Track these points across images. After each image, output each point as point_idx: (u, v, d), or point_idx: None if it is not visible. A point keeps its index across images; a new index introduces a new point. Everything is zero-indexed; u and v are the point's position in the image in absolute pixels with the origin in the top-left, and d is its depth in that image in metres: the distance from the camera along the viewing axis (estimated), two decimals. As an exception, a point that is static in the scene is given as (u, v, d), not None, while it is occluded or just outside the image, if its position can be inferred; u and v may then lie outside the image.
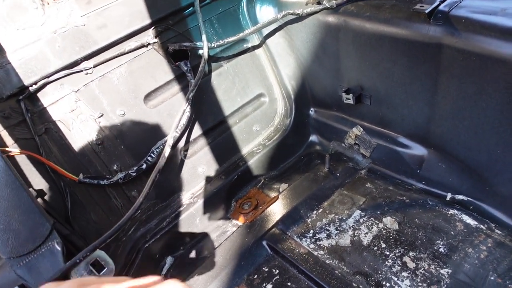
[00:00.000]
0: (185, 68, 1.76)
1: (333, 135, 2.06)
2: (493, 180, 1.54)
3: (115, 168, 1.66)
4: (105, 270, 1.14)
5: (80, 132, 1.58)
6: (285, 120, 2.10)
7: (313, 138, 2.16)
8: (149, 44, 1.70)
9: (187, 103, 1.68)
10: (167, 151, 1.60)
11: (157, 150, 1.70)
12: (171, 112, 1.76)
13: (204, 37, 1.73)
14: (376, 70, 1.69)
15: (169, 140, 1.64)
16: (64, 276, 1.09)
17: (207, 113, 1.87)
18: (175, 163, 1.80)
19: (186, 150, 1.84)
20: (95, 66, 1.59)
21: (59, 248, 1.13)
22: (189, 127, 1.81)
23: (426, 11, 1.44)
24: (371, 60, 1.69)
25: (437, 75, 1.51)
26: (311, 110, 2.13)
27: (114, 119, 1.65)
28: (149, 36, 1.69)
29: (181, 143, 1.80)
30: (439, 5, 1.44)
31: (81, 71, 1.57)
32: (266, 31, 1.96)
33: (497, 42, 1.30)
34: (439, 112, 1.58)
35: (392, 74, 1.65)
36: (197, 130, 1.84)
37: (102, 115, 1.62)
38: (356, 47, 1.70)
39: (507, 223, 1.54)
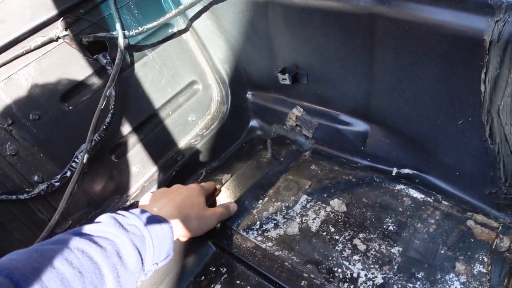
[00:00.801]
0: (104, 61, 1.60)
1: (273, 118, 1.97)
2: (436, 151, 1.50)
3: (36, 179, 1.49)
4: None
5: (-12, 144, 1.40)
6: (222, 107, 1.98)
7: (254, 123, 2.06)
8: (59, 38, 1.51)
9: (106, 100, 1.51)
10: (84, 157, 1.44)
11: (82, 154, 1.54)
12: (94, 110, 1.59)
13: (118, 25, 1.56)
14: (310, 46, 1.60)
15: (87, 144, 1.48)
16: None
17: (135, 108, 1.71)
18: (105, 166, 1.65)
19: (116, 150, 1.69)
20: None
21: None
22: (115, 125, 1.65)
23: (354, -20, 1.36)
24: (303, 37, 1.59)
25: (372, 47, 1.44)
26: (248, 94, 2.03)
27: (28, 125, 1.47)
28: (58, 28, 1.50)
29: (109, 143, 1.65)
30: (367, -27, 1.37)
31: (-19, 75, 1.38)
32: (191, 13, 1.81)
33: (429, 8, 1.24)
34: (378, 85, 1.52)
35: (326, 49, 1.56)
36: (125, 128, 1.69)
37: (12, 122, 1.44)
38: (286, 23, 1.60)
39: (453, 193, 1.52)
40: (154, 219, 1.23)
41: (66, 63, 1.54)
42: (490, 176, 1.39)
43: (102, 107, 1.46)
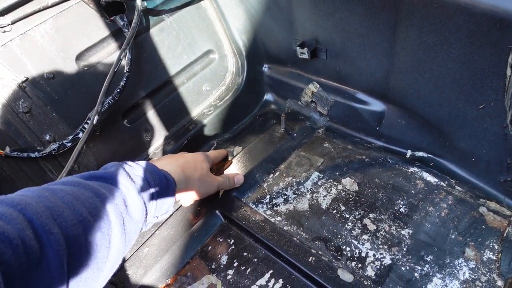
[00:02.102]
0: (122, 23, 1.56)
1: (289, 93, 1.94)
2: (453, 135, 1.48)
3: (47, 138, 1.48)
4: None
5: (2, 99, 1.39)
6: (237, 78, 1.95)
7: (268, 96, 2.04)
8: (77, -4, 1.48)
9: (120, 62, 1.48)
10: (95, 118, 1.42)
11: (97, 117, 1.53)
12: (109, 72, 1.57)
13: None
14: (331, 20, 1.56)
15: (99, 106, 1.46)
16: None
17: (149, 73, 1.69)
18: (117, 130, 1.63)
19: (129, 115, 1.67)
20: (13, 23, 1.37)
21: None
22: (129, 89, 1.63)
23: (385, -47, 1.31)
24: (325, 10, 1.55)
25: (395, 24, 1.40)
26: (265, 67, 1.99)
27: (42, 84, 1.45)
28: (77, -14, 1.48)
29: (122, 107, 1.63)
30: None
31: (-3, 28, 1.35)
32: (211, -21, 1.78)
33: (460, -14, 1.20)
34: (398, 65, 1.48)
35: (348, 24, 1.52)
36: (139, 92, 1.67)
37: (27, 79, 1.42)
38: (309, -5, 1.56)
39: (467, 178, 1.50)
40: (159, 173, 1.23)
41: (83, 23, 1.51)
42: (507, 164, 1.37)
43: (116, 69, 1.44)
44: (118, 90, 1.54)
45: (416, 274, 1.27)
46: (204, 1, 1.83)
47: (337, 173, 1.59)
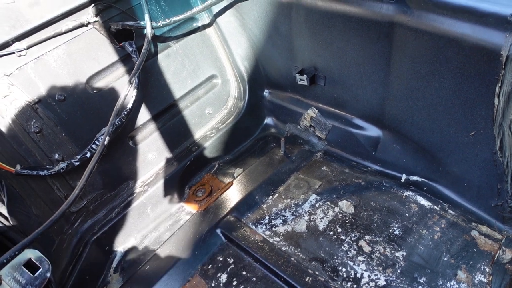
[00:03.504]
0: (130, 49, 1.65)
1: (288, 117, 2.01)
2: (446, 160, 1.54)
3: (56, 157, 1.55)
4: (40, 270, 1.06)
5: (15, 119, 1.46)
6: (238, 103, 2.02)
7: (268, 120, 2.11)
8: (89, 23, 1.57)
9: (131, 87, 1.57)
10: (106, 139, 1.49)
11: (102, 137, 1.59)
12: (117, 96, 1.64)
13: (147, 16, 1.61)
14: (330, 49, 1.64)
15: (109, 128, 1.54)
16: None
17: (155, 97, 1.76)
18: (122, 150, 1.70)
19: (134, 136, 1.74)
20: (29, 48, 1.45)
21: (-11, 248, 1.04)
22: (136, 112, 1.70)
23: (379, -11, 1.40)
24: (324, 40, 1.63)
25: (390, 54, 1.48)
26: (266, 92, 2.07)
27: (54, 105, 1.53)
28: (89, 14, 1.56)
29: (128, 129, 1.70)
30: (392, -18, 1.40)
31: (13, 53, 1.43)
32: (216, 9, 1.86)
33: (449, 20, 1.27)
34: (393, 92, 1.55)
35: (345, 53, 1.60)
36: (145, 115, 1.74)
37: (39, 100, 1.49)
38: (308, 26, 1.64)
39: (460, 202, 1.55)
40: None
41: (94, 48, 1.60)
42: (497, 189, 1.42)
43: (127, 93, 1.52)
44: (126, 113, 1.61)
45: (409, 295, 1.32)
46: (209, 29, 1.92)
47: (334, 195, 1.65)
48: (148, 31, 1.61)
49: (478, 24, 1.22)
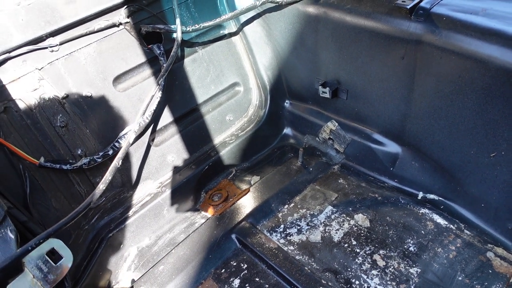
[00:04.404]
0: (158, 52, 1.68)
1: (307, 129, 2.03)
2: (464, 180, 1.54)
3: (79, 152, 1.58)
4: (62, 259, 1.07)
5: (42, 112, 1.49)
6: (259, 111, 2.05)
7: (287, 131, 2.13)
8: (120, 24, 1.61)
9: (157, 88, 1.60)
10: (131, 137, 1.52)
11: (125, 136, 1.62)
12: (142, 96, 1.68)
13: (178, 20, 1.65)
14: (354, 64, 1.66)
15: (135, 126, 1.57)
16: (15, 264, 1.01)
17: (179, 100, 1.80)
18: (143, 150, 1.72)
19: (156, 138, 1.76)
20: (61, 44, 1.49)
21: (12, 236, 1.05)
22: (159, 113, 1.73)
23: (408, 7, 1.42)
24: (349, 54, 1.66)
25: (414, 72, 1.49)
26: (286, 102, 2.09)
27: (80, 101, 1.56)
28: (121, 15, 1.60)
29: (151, 130, 1.72)
30: (421, 1, 1.43)
31: (46, 48, 1.47)
32: (243, 18, 1.90)
33: (477, 42, 1.29)
34: (415, 110, 1.57)
35: (370, 69, 1.62)
36: (167, 117, 1.77)
37: (67, 96, 1.53)
38: (335, 39, 1.67)
39: (476, 223, 1.55)
40: None
41: (123, 49, 1.63)
42: (515, 211, 1.43)
43: (154, 94, 1.55)
44: (150, 113, 1.64)
45: (422, 312, 1.31)
46: (235, 37, 1.95)
47: (350, 208, 1.65)
48: (179, 35, 1.64)
49: (506, 46, 1.24)
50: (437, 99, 1.47)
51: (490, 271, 1.41)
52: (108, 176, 1.43)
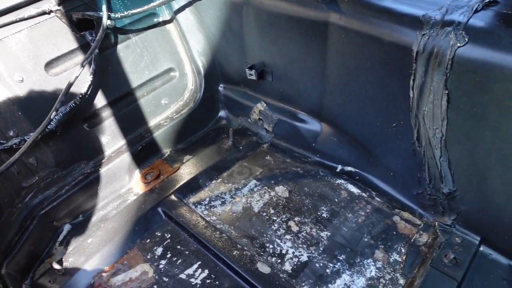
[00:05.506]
0: (90, 38, 1.76)
1: (240, 111, 2.13)
2: (374, 152, 1.65)
3: (11, 134, 1.64)
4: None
5: (-27, 96, 1.56)
6: (194, 95, 2.13)
7: (222, 113, 2.22)
8: (51, 11, 1.68)
9: (82, 70, 1.65)
10: (63, 119, 1.60)
11: (57, 117, 1.69)
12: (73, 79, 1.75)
13: (104, 6, 1.72)
14: (275, 47, 1.77)
15: (66, 108, 1.64)
16: None
17: (112, 84, 1.87)
18: (77, 133, 1.79)
19: (90, 120, 1.84)
20: None
21: None
22: (92, 96, 1.81)
23: (316, -10, 1.53)
24: (270, 37, 1.76)
25: (325, 51, 1.60)
26: (221, 86, 2.19)
27: (12, 85, 1.62)
28: (52, 3, 1.67)
29: (84, 112, 1.79)
30: (327, -15, 1.54)
31: (-26, 34, 1.54)
32: (176, 5, 1.98)
33: (372, 19, 1.40)
34: (329, 87, 1.67)
35: (288, 50, 1.73)
36: (101, 100, 1.84)
37: None
38: (257, 24, 1.77)
39: (387, 191, 1.66)
40: None
41: (55, 35, 1.70)
42: (418, 178, 1.54)
43: (78, 75, 1.62)
44: (80, 96, 1.71)
45: (328, 271, 1.42)
46: (169, 25, 2.04)
47: (272, 181, 1.75)
48: (104, 20, 1.72)
49: (395, 23, 1.36)
50: (345, 75, 1.58)
51: (395, 233, 1.52)
52: (24, 149, 1.50)
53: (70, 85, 1.62)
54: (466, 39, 1.19)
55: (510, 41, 1.13)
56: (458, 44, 1.20)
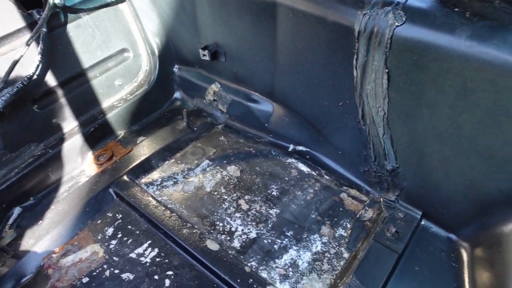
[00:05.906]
0: (37, 17, 1.71)
1: (196, 92, 2.12)
2: (323, 130, 1.69)
3: (-45, 116, 1.60)
4: None
5: None
6: (149, 76, 2.11)
7: (177, 95, 2.21)
8: (-6, -12, 1.63)
9: (27, 49, 1.62)
10: (9, 99, 1.56)
11: (4, 98, 1.66)
12: (22, 61, 1.71)
13: None
14: (227, 27, 1.77)
15: (13, 89, 1.61)
16: None
17: (63, 65, 1.83)
18: (26, 114, 1.75)
19: (39, 101, 1.80)
20: None
21: None
22: (41, 77, 1.77)
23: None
24: (222, 17, 1.76)
25: (275, 32, 1.61)
26: (176, 67, 2.17)
27: None
28: (-5, -20, 1.63)
29: (33, 94, 1.76)
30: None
31: None
32: (128, -15, 1.96)
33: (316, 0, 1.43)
34: (280, 68, 1.69)
35: (240, 31, 1.73)
36: (51, 81, 1.80)
37: None
38: (209, 4, 1.76)
39: (336, 169, 1.71)
40: None
41: (0, 13, 1.65)
42: (364, 155, 1.58)
43: (23, 54, 1.59)
44: (28, 76, 1.67)
45: (275, 246, 1.45)
46: (122, 4, 2.00)
47: (225, 161, 1.77)
48: (50, -1, 1.68)
49: (339, 3, 1.38)
50: (294, 55, 1.60)
51: (341, 209, 1.57)
52: None
53: (14, 64, 1.58)
54: (404, 18, 1.23)
55: (444, 21, 1.17)
56: (396, 24, 1.23)
